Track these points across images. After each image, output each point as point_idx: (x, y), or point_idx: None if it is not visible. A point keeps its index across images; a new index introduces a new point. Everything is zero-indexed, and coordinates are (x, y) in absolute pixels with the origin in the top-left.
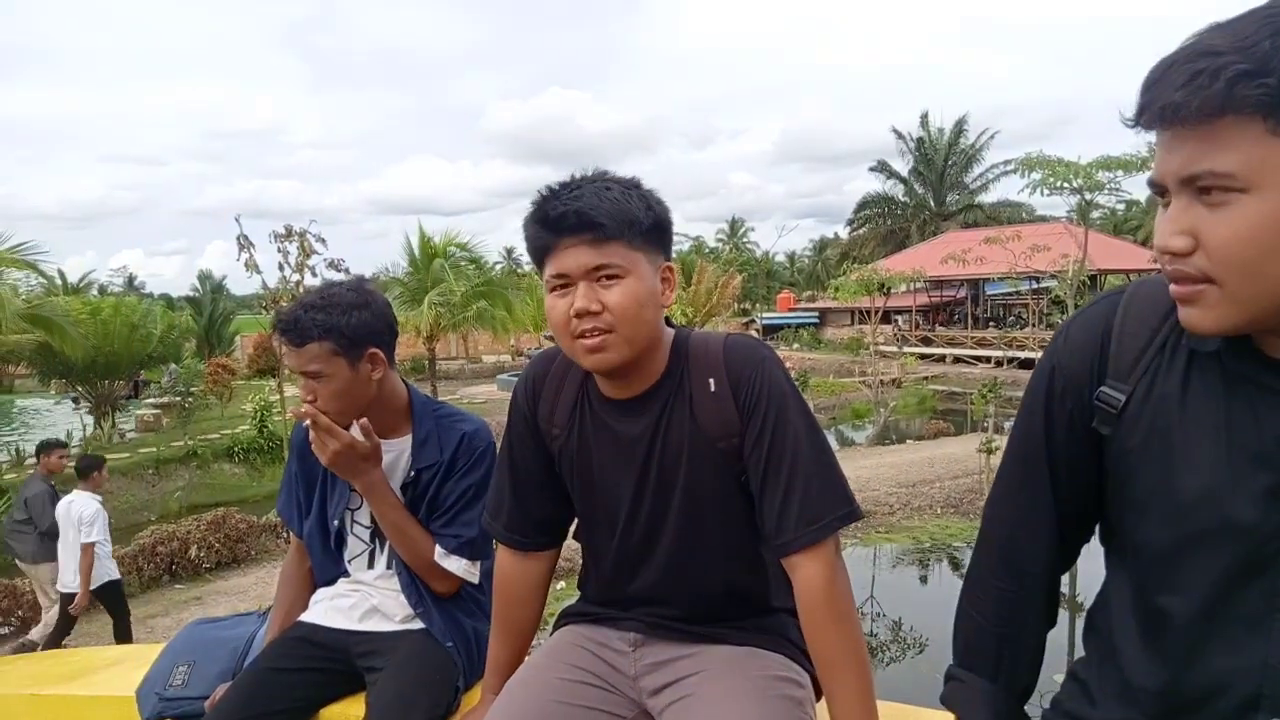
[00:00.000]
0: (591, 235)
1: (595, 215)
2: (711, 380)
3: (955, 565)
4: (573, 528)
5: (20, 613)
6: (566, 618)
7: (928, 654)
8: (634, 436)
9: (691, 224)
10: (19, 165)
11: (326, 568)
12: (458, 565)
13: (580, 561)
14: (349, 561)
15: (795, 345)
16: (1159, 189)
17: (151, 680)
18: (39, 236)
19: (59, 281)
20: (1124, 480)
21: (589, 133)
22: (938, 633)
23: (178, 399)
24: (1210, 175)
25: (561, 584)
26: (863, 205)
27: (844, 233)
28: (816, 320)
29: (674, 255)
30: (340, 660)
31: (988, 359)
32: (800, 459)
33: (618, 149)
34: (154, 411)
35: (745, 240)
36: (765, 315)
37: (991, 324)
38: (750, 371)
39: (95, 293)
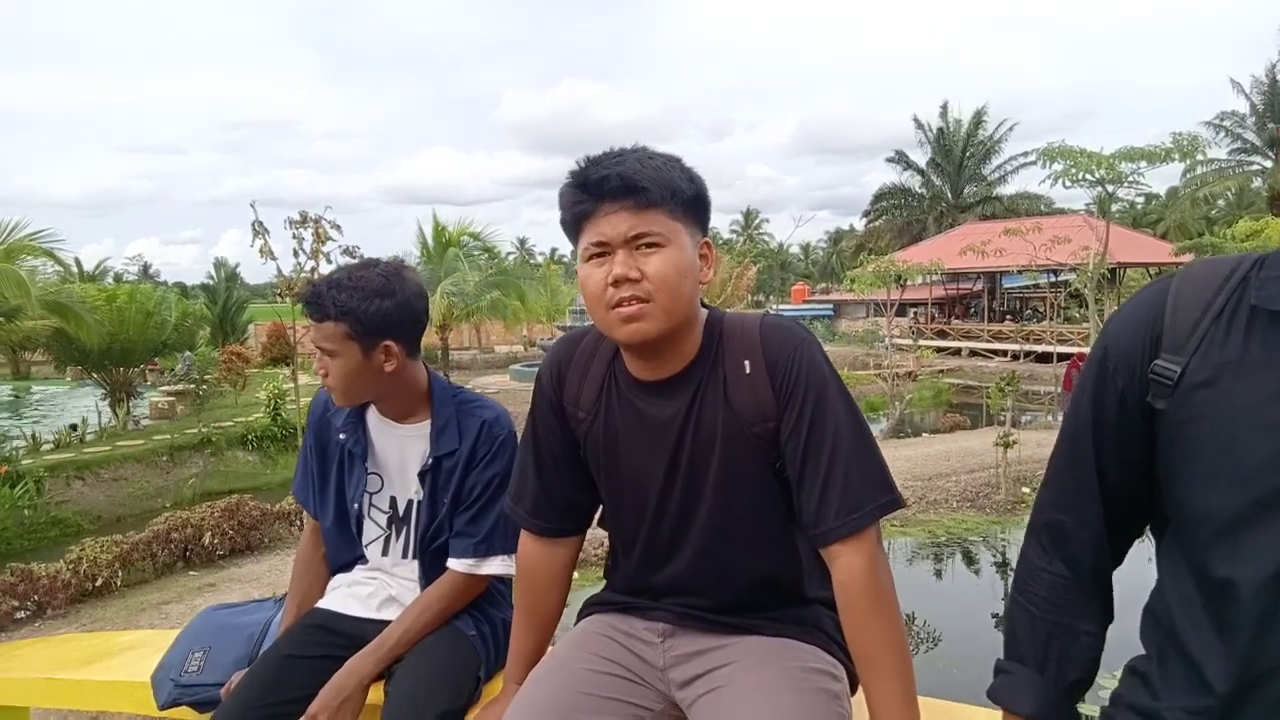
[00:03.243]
0: (633, 201)
1: (638, 179)
2: (747, 362)
3: (970, 560)
4: (597, 514)
5: (36, 597)
6: (591, 607)
7: (942, 649)
8: (665, 420)
9: None
10: (40, 154)
11: (342, 552)
12: (498, 565)
13: (598, 550)
14: (366, 546)
15: None
16: None
17: (167, 666)
18: (58, 224)
19: (75, 269)
20: (1183, 452)
21: (605, 124)
22: (952, 628)
23: (192, 386)
24: None
25: (577, 574)
26: (879, 197)
27: (860, 225)
28: (831, 312)
29: None
30: (358, 648)
31: (1004, 353)
32: (841, 445)
33: (633, 140)
34: (168, 399)
35: (760, 232)
36: (779, 307)
37: (1009, 317)
38: (788, 353)
39: (110, 280)
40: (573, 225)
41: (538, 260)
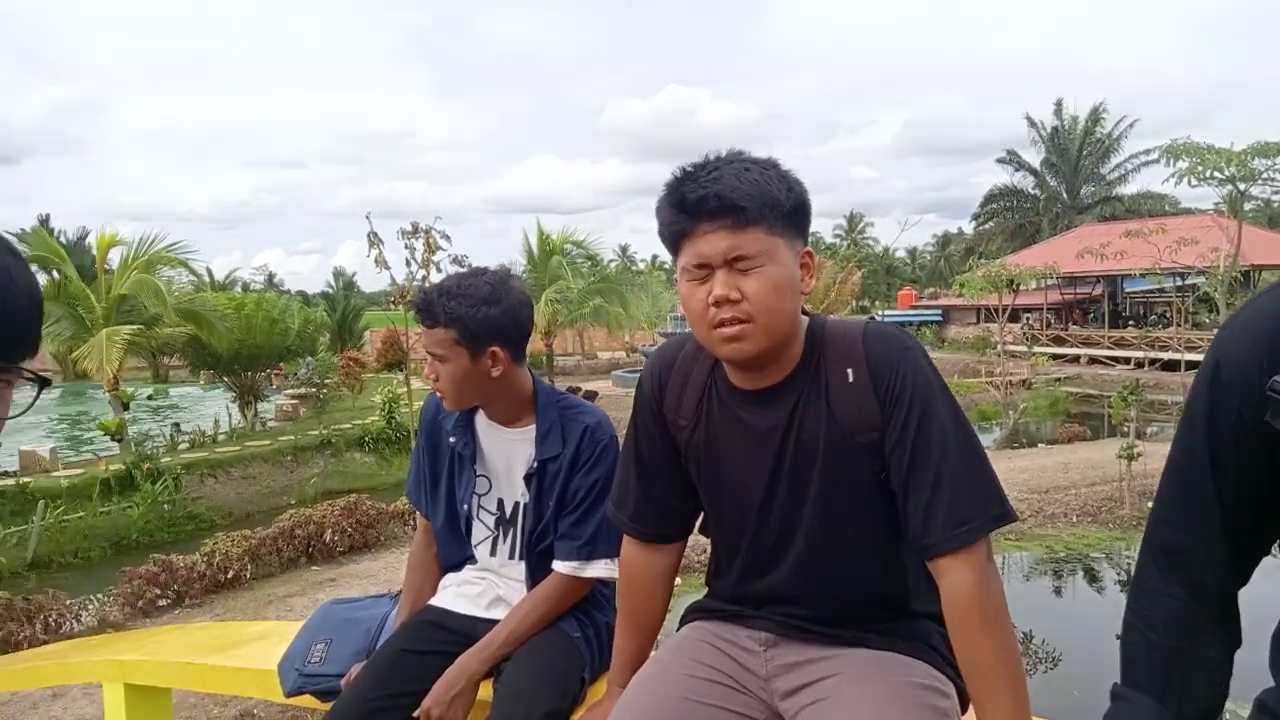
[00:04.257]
0: (731, 220)
1: (735, 198)
2: (850, 370)
3: (1093, 577)
4: (699, 521)
5: (175, 586)
6: (694, 614)
7: (1062, 669)
8: (766, 429)
9: None
10: (178, 170)
11: (453, 551)
12: (601, 569)
13: (700, 556)
14: (475, 546)
15: None
16: None
17: (292, 656)
18: (192, 236)
19: (207, 279)
20: None
21: (707, 129)
22: (1073, 648)
23: (313, 390)
24: None
25: (679, 581)
26: (990, 199)
27: (969, 228)
28: (939, 318)
29: None
30: (468, 645)
31: (1127, 360)
32: (948, 455)
33: (735, 145)
34: (292, 401)
35: (864, 236)
36: (885, 313)
37: (1131, 323)
38: (893, 361)
39: (239, 289)
40: (670, 242)
41: (639, 267)
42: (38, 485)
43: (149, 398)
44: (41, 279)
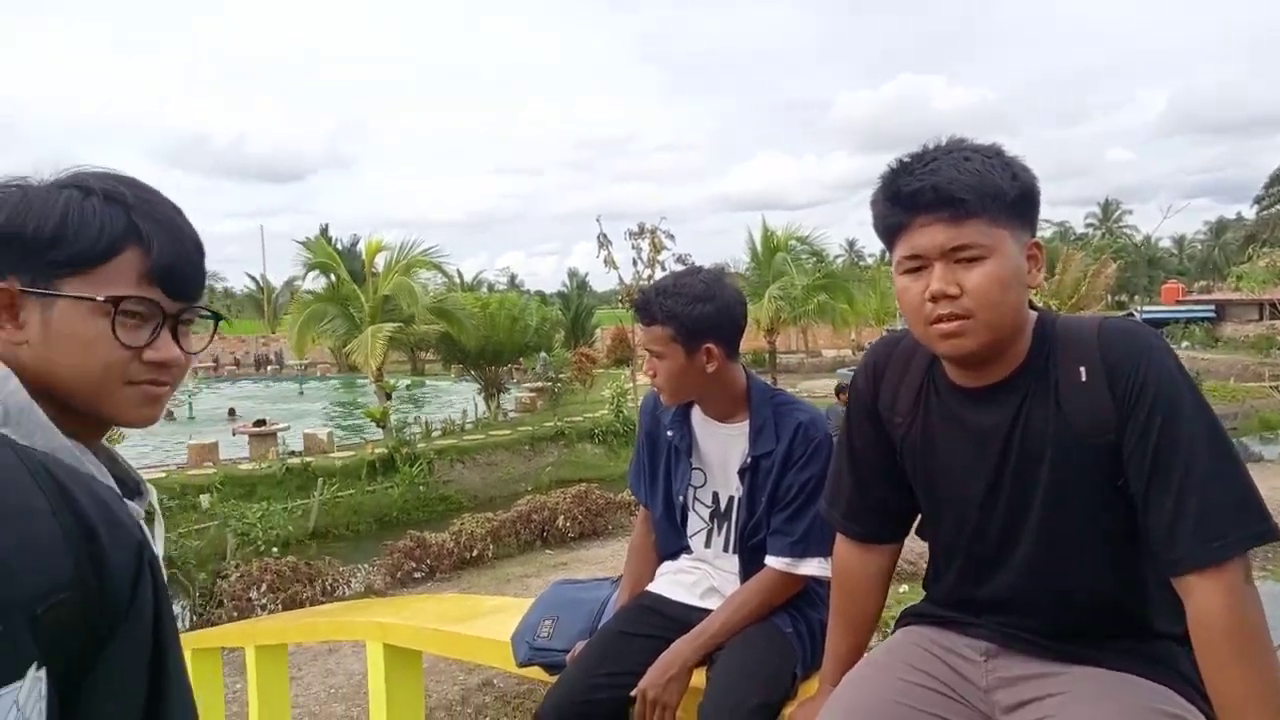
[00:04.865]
0: (950, 212)
1: (954, 189)
2: (1083, 368)
3: None
4: (916, 522)
5: (428, 561)
6: (909, 617)
7: None
8: (988, 428)
9: (1055, 208)
10: (438, 179)
11: (670, 540)
12: (814, 567)
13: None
14: (690, 537)
15: (1185, 343)
16: None
17: (523, 630)
18: (447, 241)
19: (458, 280)
20: None
21: (941, 116)
22: None
23: (549, 384)
24: None
25: (905, 588)
26: (1276, 179)
27: (1250, 212)
28: (1212, 315)
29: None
30: (683, 631)
31: None
32: (1197, 463)
33: (972, 131)
34: (530, 394)
35: (1121, 225)
36: (1146, 308)
37: None
38: (1133, 359)
39: (485, 290)
40: (885, 236)
41: (867, 262)
42: (318, 465)
43: (407, 388)
44: (320, 282)
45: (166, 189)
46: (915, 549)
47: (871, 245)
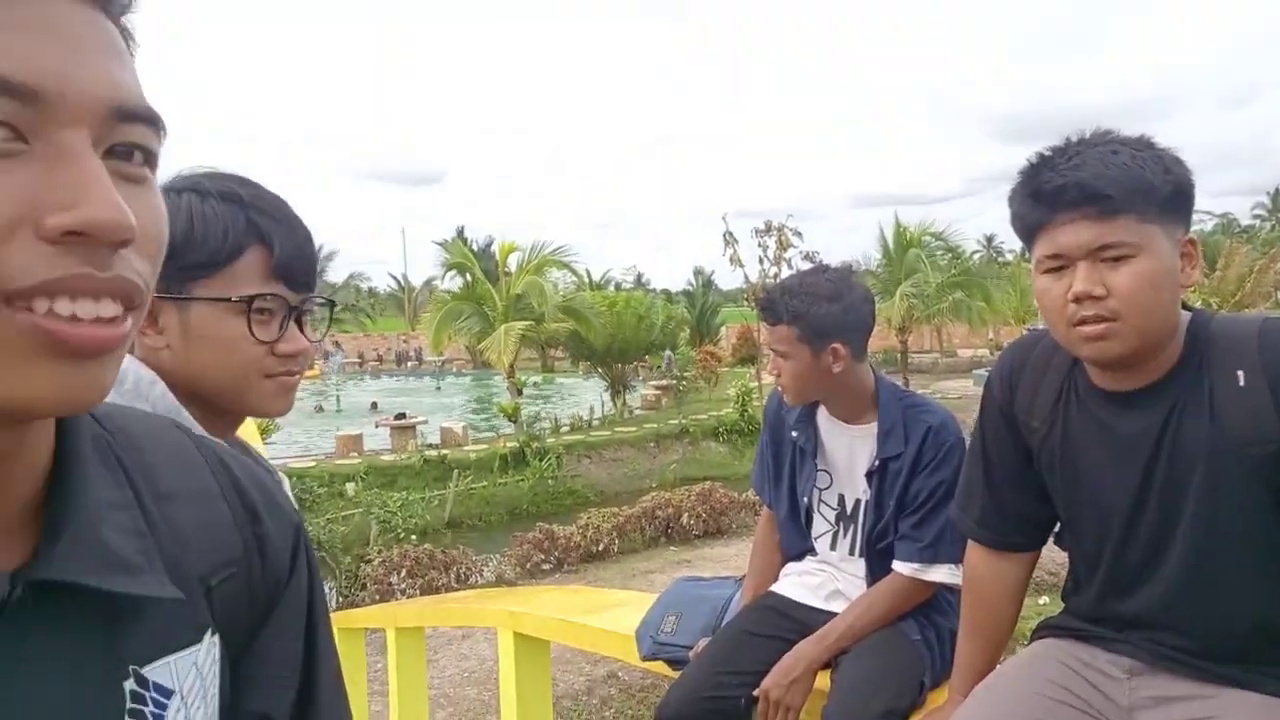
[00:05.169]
0: (1096, 209)
1: (1101, 185)
2: (1241, 373)
3: None
4: (1054, 531)
5: (556, 553)
6: (1046, 630)
7: None
8: (1135, 435)
9: (1217, 199)
10: (568, 176)
11: (794, 542)
12: (943, 574)
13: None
14: (815, 539)
15: None
16: None
17: (647, 624)
18: (575, 240)
19: (586, 279)
20: None
21: (1087, 104)
22: None
23: (673, 382)
24: None
25: (1045, 599)
26: None
27: None
28: None
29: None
30: (806, 633)
31: None
32: None
33: (1124, 118)
34: (655, 391)
35: None
36: None
37: None
38: None
39: (611, 288)
40: (1024, 234)
41: (1006, 258)
42: (453, 457)
43: (537, 385)
44: (457, 281)
45: (311, 192)
46: (1058, 559)
47: (1011, 240)
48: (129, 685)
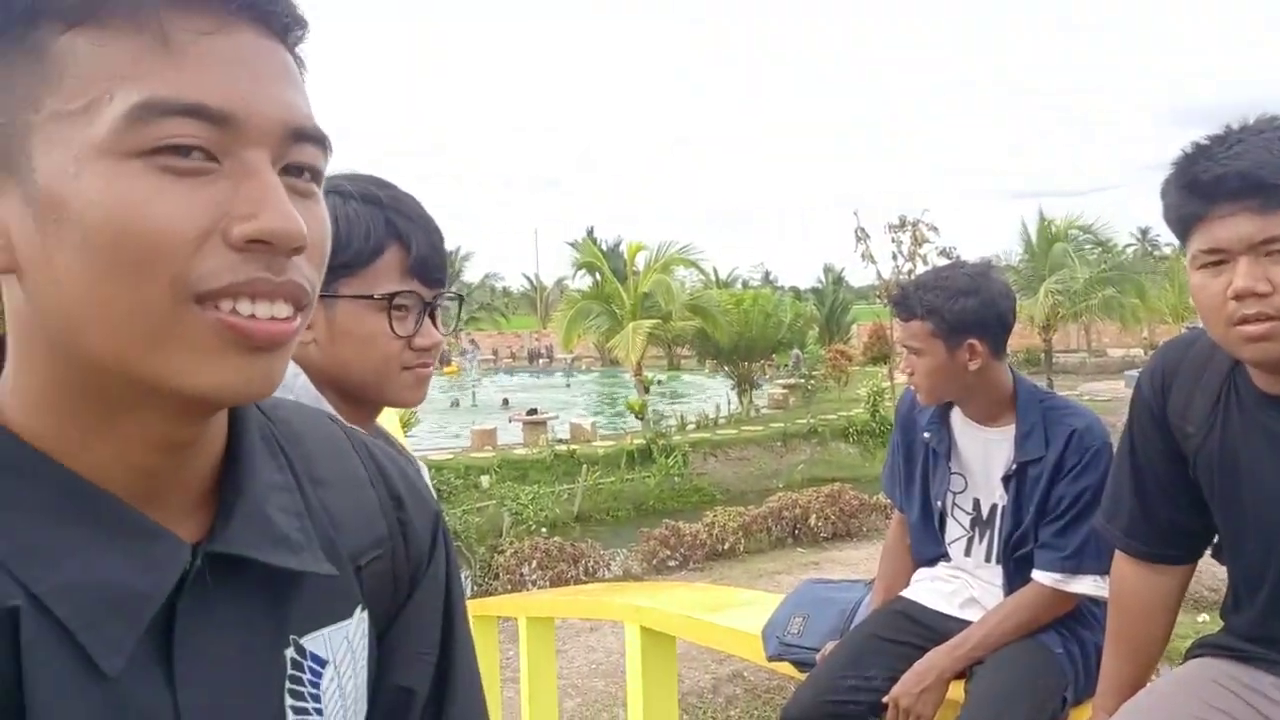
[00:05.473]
0: (1259, 201)
1: (1264, 175)
2: None
3: None
4: (1213, 543)
5: (682, 550)
6: (1204, 649)
7: None
8: None
9: None
10: (694, 174)
11: (926, 547)
12: (1087, 585)
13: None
14: (949, 544)
15: None
16: None
17: (774, 625)
18: (703, 237)
19: (713, 277)
20: None
21: (1263, 84)
22: None
23: (801, 380)
24: None
25: (1204, 617)
26: None
27: None
28: None
29: None
30: (938, 641)
31: None
32: None
33: None
34: (782, 390)
35: None
36: None
37: None
38: None
39: (739, 286)
40: (1179, 227)
41: (1163, 252)
42: (582, 452)
43: (663, 382)
44: (587, 280)
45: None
46: (1220, 573)
47: (1168, 233)
48: (289, 653)
